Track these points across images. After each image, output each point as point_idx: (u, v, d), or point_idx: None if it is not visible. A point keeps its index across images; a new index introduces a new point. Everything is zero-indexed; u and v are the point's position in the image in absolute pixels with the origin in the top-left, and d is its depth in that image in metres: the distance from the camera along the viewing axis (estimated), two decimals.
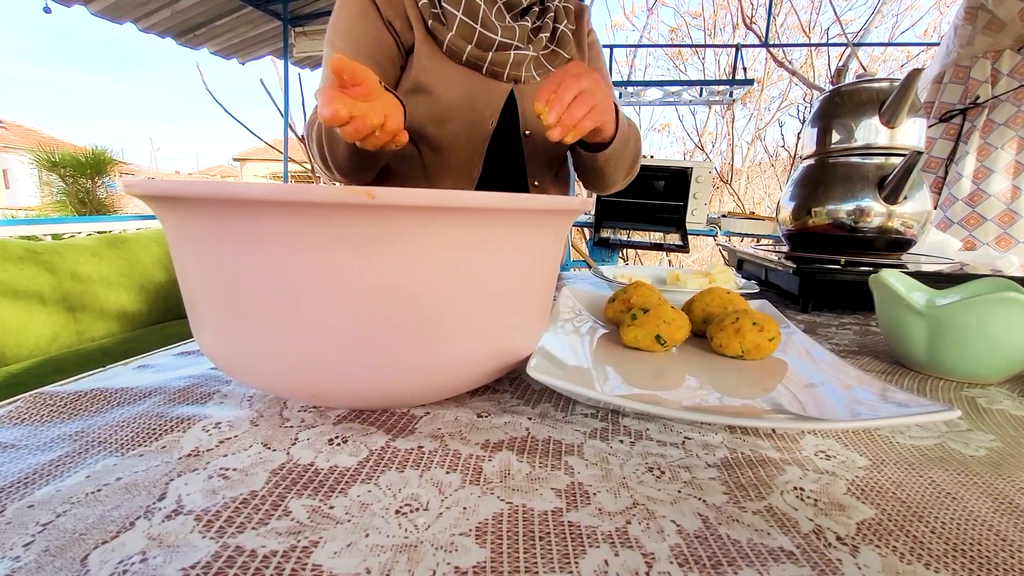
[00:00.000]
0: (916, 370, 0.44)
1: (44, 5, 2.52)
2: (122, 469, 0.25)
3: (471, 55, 0.71)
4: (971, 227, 1.60)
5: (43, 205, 4.05)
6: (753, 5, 5.75)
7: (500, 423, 0.31)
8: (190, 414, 0.31)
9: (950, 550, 0.20)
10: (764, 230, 2.63)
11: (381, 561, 0.19)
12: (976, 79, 1.64)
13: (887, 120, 0.70)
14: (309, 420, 0.31)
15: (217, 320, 0.28)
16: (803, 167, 0.81)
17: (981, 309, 0.38)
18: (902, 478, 0.26)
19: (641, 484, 0.25)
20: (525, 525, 0.21)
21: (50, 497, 0.23)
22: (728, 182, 6.28)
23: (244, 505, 0.22)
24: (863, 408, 0.31)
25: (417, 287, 0.26)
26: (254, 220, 0.24)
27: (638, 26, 6.86)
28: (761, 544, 0.21)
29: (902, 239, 0.73)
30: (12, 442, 0.28)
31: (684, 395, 0.35)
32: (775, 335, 0.41)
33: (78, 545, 0.20)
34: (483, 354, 0.31)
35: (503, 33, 0.71)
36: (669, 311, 0.43)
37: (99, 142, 5.96)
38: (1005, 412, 0.35)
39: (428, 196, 0.24)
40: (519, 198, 0.27)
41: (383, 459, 0.26)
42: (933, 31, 5.82)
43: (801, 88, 6.11)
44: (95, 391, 0.34)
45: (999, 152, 1.58)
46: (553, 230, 0.33)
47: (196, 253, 0.27)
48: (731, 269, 0.71)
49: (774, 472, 0.26)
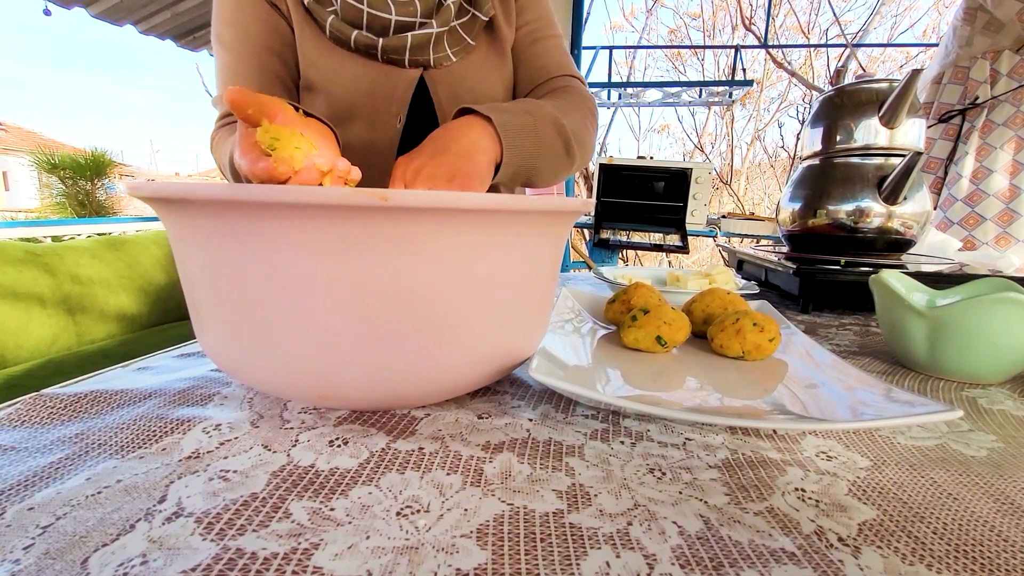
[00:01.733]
0: (917, 370, 0.44)
1: (44, 7, 2.52)
2: (122, 471, 0.25)
3: (359, 41, 0.58)
4: (970, 227, 1.60)
5: (43, 207, 4.06)
6: (752, 6, 5.76)
7: (501, 424, 0.31)
8: (190, 416, 0.31)
9: (952, 551, 0.20)
10: (764, 231, 2.64)
11: (382, 563, 0.19)
12: (975, 80, 1.64)
13: (887, 121, 0.70)
14: (309, 422, 0.31)
15: (221, 321, 0.28)
16: (803, 168, 0.81)
17: (982, 309, 0.38)
18: (903, 479, 0.26)
19: (642, 485, 0.25)
20: (526, 527, 0.21)
21: (50, 500, 0.23)
22: (728, 183, 6.28)
23: (245, 507, 0.22)
24: (864, 409, 0.31)
25: (423, 288, 0.27)
26: (262, 222, 0.24)
27: (637, 27, 6.88)
28: (763, 545, 0.21)
29: (902, 239, 0.73)
30: (12, 444, 0.28)
31: (685, 396, 0.35)
32: (775, 336, 0.41)
33: (78, 548, 0.20)
34: (486, 354, 0.31)
35: (397, 10, 0.58)
36: (669, 312, 0.43)
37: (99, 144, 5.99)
38: (1006, 412, 0.35)
39: (441, 198, 0.24)
40: (525, 199, 0.27)
41: (384, 461, 0.26)
42: (932, 32, 5.83)
43: (800, 89, 6.12)
44: (95, 393, 0.34)
45: (998, 152, 1.58)
46: (555, 231, 0.33)
47: (201, 255, 0.27)
48: (731, 270, 0.71)
49: (775, 473, 0.26)
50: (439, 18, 0.60)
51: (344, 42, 0.59)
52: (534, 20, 0.70)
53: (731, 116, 6.35)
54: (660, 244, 2.50)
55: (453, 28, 0.61)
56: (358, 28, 0.58)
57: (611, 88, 3.32)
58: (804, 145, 0.82)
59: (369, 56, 0.60)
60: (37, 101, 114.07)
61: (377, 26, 0.58)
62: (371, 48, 0.59)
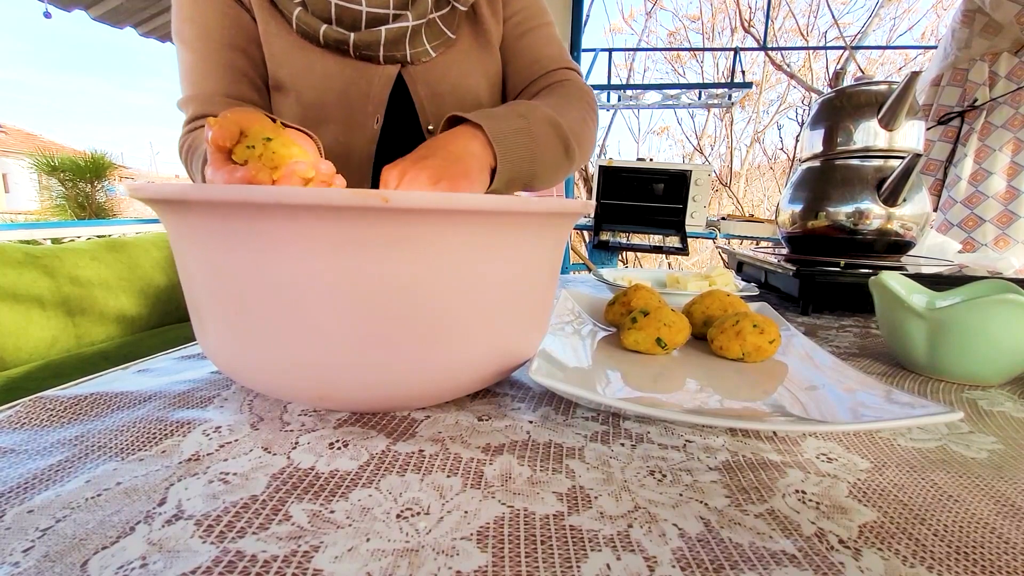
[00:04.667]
0: (917, 372, 0.44)
1: (44, 10, 2.52)
2: (122, 474, 0.25)
3: (328, 36, 0.54)
4: (970, 229, 1.60)
5: (42, 209, 4.05)
6: (751, 9, 5.78)
7: (501, 426, 0.31)
8: (190, 418, 0.31)
9: (952, 553, 0.20)
10: (763, 232, 2.64)
11: (382, 566, 0.19)
12: (974, 82, 1.65)
13: (886, 123, 0.70)
14: (310, 424, 0.31)
15: (222, 322, 0.28)
16: (802, 170, 0.82)
17: (981, 311, 0.38)
18: (904, 480, 0.26)
19: (642, 487, 0.25)
20: (526, 529, 0.21)
21: (50, 502, 0.23)
22: (727, 185, 6.29)
23: (245, 510, 0.22)
24: (864, 410, 0.31)
25: (424, 289, 0.27)
26: (262, 223, 0.24)
27: (637, 30, 6.89)
28: (763, 547, 0.21)
29: (901, 241, 0.73)
30: (11, 447, 0.28)
31: (685, 398, 0.35)
32: (775, 337, 0.41)
33: (78, 551, 0.20)
34: (486, 356, 0.31)
35: (368, 2, 0.54)
36: (669, 314, 0.43)
37: (98, 146, 5.98)
38: (1006, 414, 0.35)
39: (442, 199, 0.24)
40: (525, 201, 0.27)
41: (384, 463, 0.26)
42: (931, 34, 5.84)
43: (799, 91, 6.13)
44: (95, 395, 0.34)
45: (997, 154, 1.59)
46: (555, 233, 0.33)
47: (203, 256, 0.27)
48: (731, 272, 0.71)
49: (776, 475, 0.26)
50: (414, 10, 0.56)
51: (313, 37, 0.55)
52: (522, 10, 0.65)
53: (730, 118, 6.36)
54: (660, 246, 2.50)
55: (432, 20, 0.57)
56: (327, 22, 0.54)
57: (610, 90, 3.32)
58: (803, 147, 0.82)
59: (341, 52, 0.56)
60: (37, 103, 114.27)
61: (348, 19, 0.54)
62: (342, 43, 0.55)
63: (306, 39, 0.56)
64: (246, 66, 0.57)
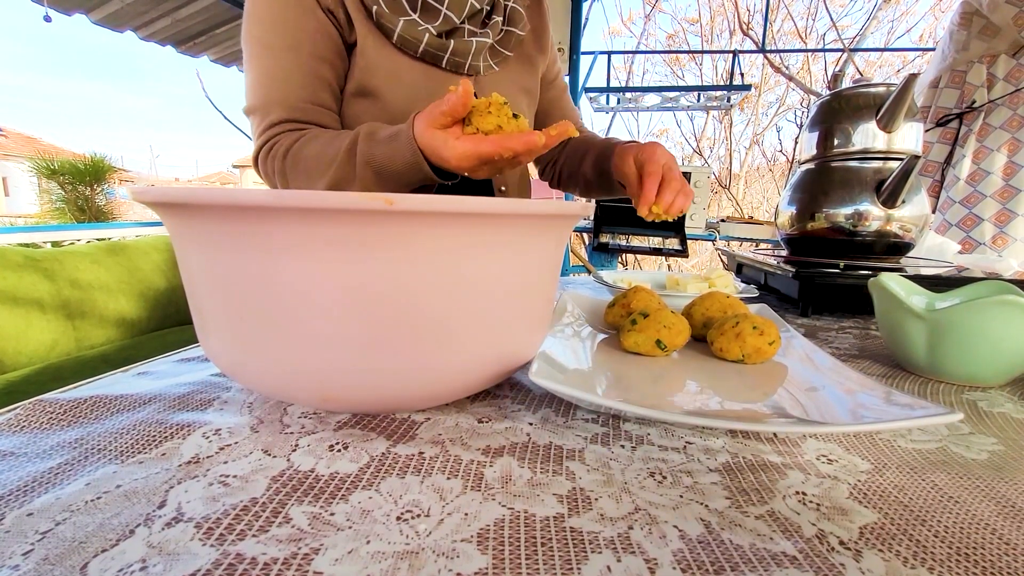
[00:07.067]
0: (916, 373, 0.44)
1: (44, 13, 2.53)
2: (122, 476, 0.25)
3: (431, 45, 0.61)
4: (968, 228, 1.60)
5: (42, 212, 4.05)
6: (750, 11, 5.79)
7: (501, 428, 0.31)
8: (190, 421, 0.31)
9: (953, 554, 0.20)
10: (763, 234, 2.64)
11: (382, 568, 0.19)
12: (972, 83, 1.65)
13: (884, 124, 0.71)
14: (309, 426, 0.31)
15: (224, 324, 0.28)
16: (801, 172, 0.82)
17: (981, 312, 0.38)
18: (904, 482, 0.26)
19: (643, 489, 0.25)
20: (527, 531, 0.21)
21: (49, 505, 0.23)
22: (726, 187, 6.29)
23: (244, 512, 0.22)
24: (864, 412, 0.31)
25: (426, 291, 0.27)
26: (264, 226, 0.24)
27: (636, 32, 6.91)
28: (764, 549, 0.21)
29: (901, 243, 0.73)
30: (11, 450, 0.28)
31: (685, 399, 0.35)
32: (775, 339, 0.41)
33: (77, 553, 0.20)
34: (486, 358, 0.31)
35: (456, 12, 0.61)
36: (669, 316, 0.43)
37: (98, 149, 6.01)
38: (1006, 415, 0.35)
39: (444, 201, 0.24)
40: (525, 203, 0.27)
41: (384, 465, 0.26)
42: (929, 36, 5.85)
43: (798, 93, 6.14)
44: (94, 398, 0.34)
45: (995, 155, 1.59)
46: (556, 235, 0.33)
47: (205, 259, 0.27)
48: (730, 273, 0.71)
49: (776, 476, 0.26)
50: (491, 29, 0.66)
51: (413, 46, 0.61)
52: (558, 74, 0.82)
53: (729, 120, 6.37)
54: (659, 248, 2.50)
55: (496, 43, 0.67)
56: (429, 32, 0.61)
57: (609, 93, 3.32)
58: (802, 149, 0.82)
59: (429, 62, 0.63)
60: (37, 107, 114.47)
61: (447, 29, 0.62)
62: (440, 51, 0.62)
63: (402, 50, 0.62)
64: (329, 76, 0.61)
